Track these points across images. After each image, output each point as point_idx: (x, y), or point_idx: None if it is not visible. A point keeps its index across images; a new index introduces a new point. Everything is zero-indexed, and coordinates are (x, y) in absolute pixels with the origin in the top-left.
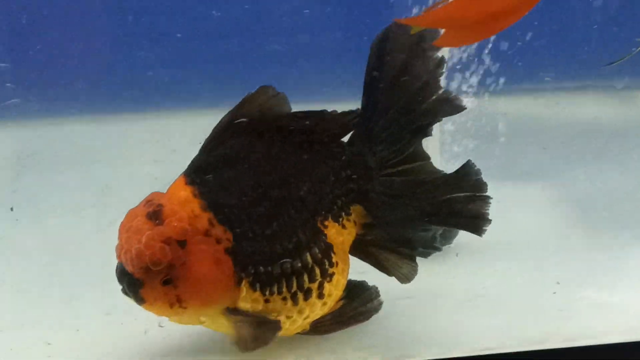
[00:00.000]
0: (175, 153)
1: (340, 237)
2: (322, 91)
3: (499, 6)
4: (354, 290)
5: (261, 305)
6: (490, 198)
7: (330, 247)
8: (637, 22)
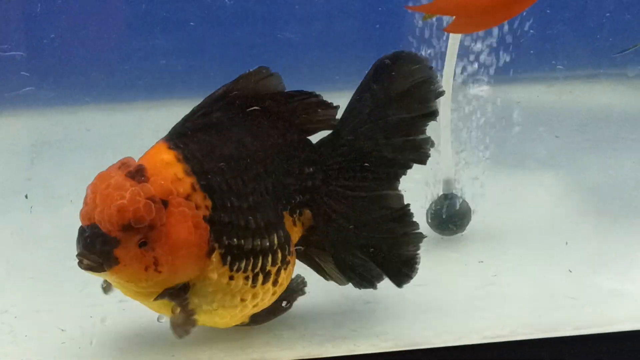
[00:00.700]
0: None
1: (292, 232)
2: (334, 79)
3: None
4: None
5: (225, 280)
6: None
7: (289, 235)
8: None
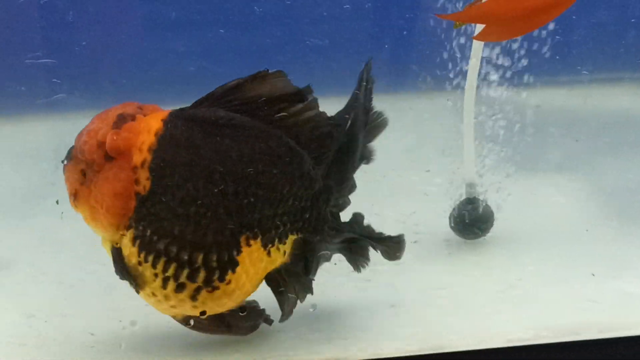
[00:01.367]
0: None
1: (260, 264)
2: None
3: (538, 3)
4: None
5: (135, 261)
6: None
7: (234, 264)
8: None
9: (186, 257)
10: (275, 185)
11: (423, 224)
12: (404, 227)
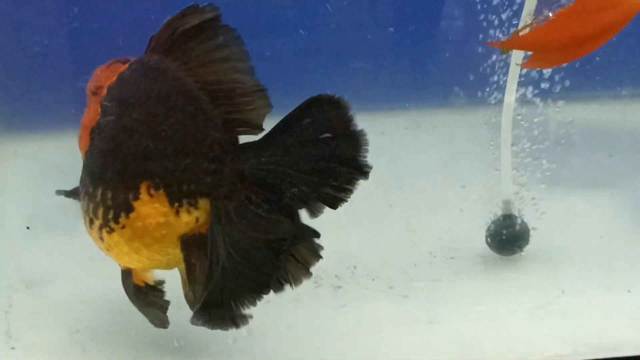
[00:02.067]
0: None
1: (164, 220)
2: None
3: (587, 31)
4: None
5: None
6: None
7: (129, 208)
8: None
9: (91, 190)
10: (172, 136)
11: (459, 240)
12: (440, 243)
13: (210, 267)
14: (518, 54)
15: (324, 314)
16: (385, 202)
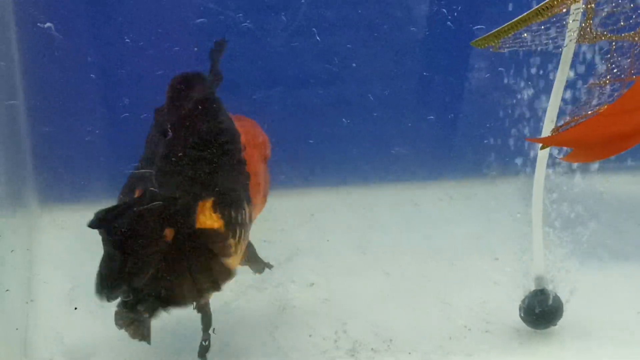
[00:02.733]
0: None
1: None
2: None
3: (627, 129)
4: None
5: None
6: None
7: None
8: None
9: None
10: None
11: (494, 314)
12: (475, 317)
13: None
14: (547, 128)
15: None
16: (420, 275)
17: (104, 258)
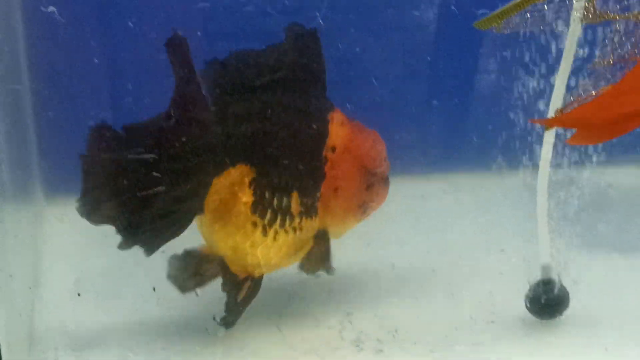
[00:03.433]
0: None
1: None
2: None
3: (630, 109)
4: None
5: None
6: None
7: None
8: None
9: None
10: None
11: (500, 305)
12: (481, 308)
13: None
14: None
15: None
16: (425, 266)
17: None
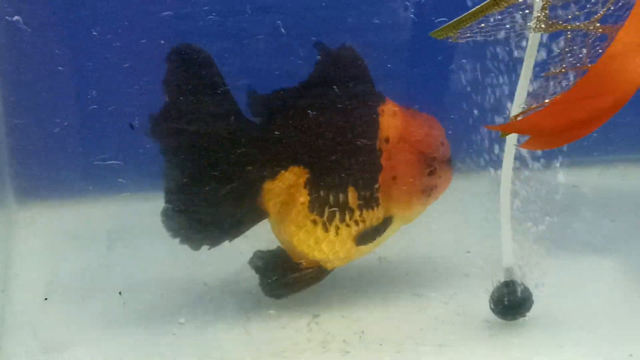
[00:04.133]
0: None
1: None
2: None
3: (582, 116)
4: None
5: None
6: None
7: None
8: None
9: None
10: None
11: (465, 305)
12: (447, 308)
13: None
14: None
15: None
16: (392, 267)
17: None
